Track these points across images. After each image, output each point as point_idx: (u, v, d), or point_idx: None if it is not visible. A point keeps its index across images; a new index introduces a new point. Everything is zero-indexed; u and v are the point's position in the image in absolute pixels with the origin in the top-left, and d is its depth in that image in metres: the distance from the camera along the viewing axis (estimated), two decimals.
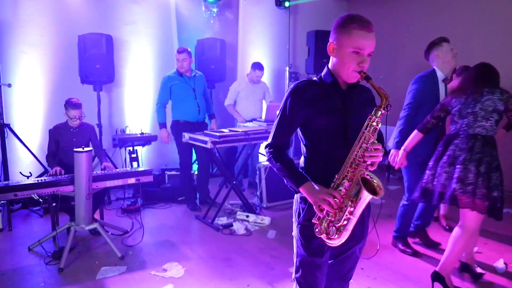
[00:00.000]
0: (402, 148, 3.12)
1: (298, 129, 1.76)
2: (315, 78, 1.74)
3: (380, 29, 6.59)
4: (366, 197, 1.51)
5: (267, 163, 1.83)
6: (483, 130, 2.67)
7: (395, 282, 2.99)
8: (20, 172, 4.57)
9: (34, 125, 4.96)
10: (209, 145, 3.90)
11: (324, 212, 1.58)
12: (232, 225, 4.09)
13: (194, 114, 4.66)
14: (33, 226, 4.17)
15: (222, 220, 4.26)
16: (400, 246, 3.53)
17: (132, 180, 3.72)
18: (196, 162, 5.12)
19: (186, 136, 4.27)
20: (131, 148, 4.93)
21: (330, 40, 1.66)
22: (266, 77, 6.02)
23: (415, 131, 3.03)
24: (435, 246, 3.58)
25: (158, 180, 5.13)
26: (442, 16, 5.69)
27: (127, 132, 5.19)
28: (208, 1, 5.89)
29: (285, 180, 1.71)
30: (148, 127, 5.68)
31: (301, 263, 1.75)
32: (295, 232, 1.77)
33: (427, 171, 2.83)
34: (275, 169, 1.71)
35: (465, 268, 3.06)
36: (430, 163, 2.83)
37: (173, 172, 5.28)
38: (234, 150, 5.50)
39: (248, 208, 4.43)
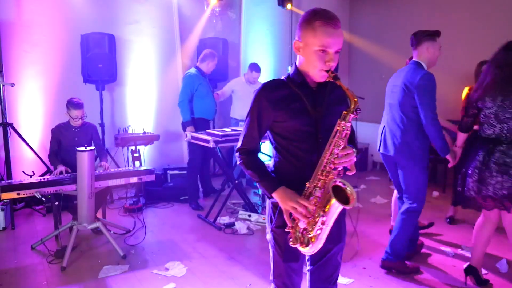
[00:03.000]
0: (457, 146, 2.93)
1: (268, 132, 1.69)
2: (283, 77, 1.66)
3: (383, 27, 6.64)
4: (337, 207, 1.46)
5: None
6: None
7: (397, 282, 2.99)
8: (22, 171, 4.59)
9: (37, 124, 4.97)
10: (211, 144, 3.90)
11: (296, 221, 1.53)
12: (234, 225, 4.09)
13: (212, 112, 4.88)
14: (35, 225, 4.18)
15: (224, 220, 4.26)
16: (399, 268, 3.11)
17: (134, 180, 3.72)
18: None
19: (189, 135, 4.27)
20: (133, 148, 4.93)
21: (296, 37, 1.58)
22: (267, 77, 6.02)
23: (459, 133, 2.88)
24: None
25: (160, 180, 5.14)
26: (446, 15, 5.67)
27: (130, 131, 5.20)
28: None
29: (258, 185, 1.65)
30: (150, 127, 5.69)
31: (277, 268, 1.73)
32: (269, 237, 1.73)
33: (469, 179, 2.68)
34: (247, 174, 1.66)
35: (470, 271, 2.91)
36: (472, 170, 2.66)
37: (175, 172, 5.28)
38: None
39: (250, 207, 4.43)
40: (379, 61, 6.35)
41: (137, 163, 4.89)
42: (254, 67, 5.29)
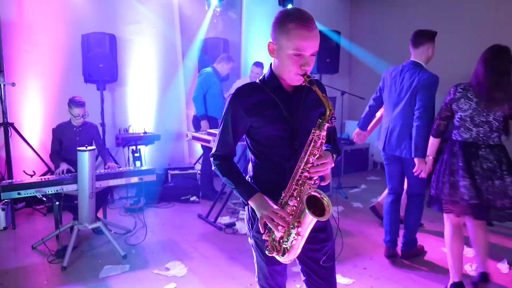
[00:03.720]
0: (428, 155, 2.93)
1: (245, 136, 1.64)
2: (257, 81, 1.59)
3: (384, 28, 6.63)
4: (311, 219, 1.41)
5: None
6: (498, 140, 2.58)
7: (398, 282, 2.99)
8: (23, 171, 4.60)
9: (38, 124, 4.98)
10: (212, 144, 3.90)
11: (270, 231, 1.50)
12: (234, 224, 4.09)
13: (222, 111, 4.94)
14: (36, 224, 4.18)
15: (225, 219, 4.26)
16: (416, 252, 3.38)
17: (135, 179, 3.73)
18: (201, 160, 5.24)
19: (189, 135, 4.27)
20: (134, 147, 4.94)
21: (270, 39, 1.50)
22: None
23: (431, 138, 2.85)
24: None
25: (161, 179, 5.14)
26: (448, 15, 5.67)
27: (130, 131, 5.20)
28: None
29: (234, 192, 1.60)
30: (151, 127, 5.69)
31: (261, 270, 1.71)
32: (251, 241, 1.71)
33: (442, 180, 2.67)
34: (223, 180, 1.62)
35: (484, 278, 2.88)
36: (448, 173, 2.64)
37: (176, 172, 5.28)
38: (238, 149, 5.53)
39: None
40: (379, 60, 6.34)
41: (137, 163, 4.90)
42: (255, 63, 5.29)
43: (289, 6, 6.30)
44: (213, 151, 1.64)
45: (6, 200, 4.06)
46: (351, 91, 6.36)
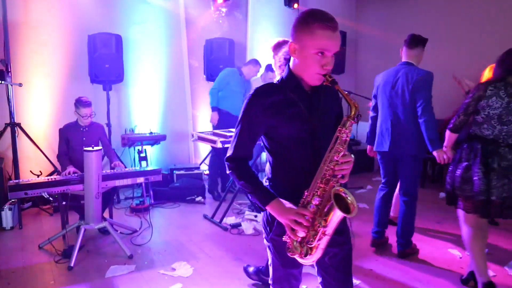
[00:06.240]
0: (445, 145, 2.97)
1: (262, 137, 1.61)
2: (276, 81, 1.60)
3: (389, 27, 6.61)
4: (338, 215, 1.40)
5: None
6: None
7: (404, 283, 2.97)
8: (30, 171, 4.62)
9: (45, 124, 5.00)
10: (219, 145, 3.90)
11: (297, 232, 1.47)
12: (240, 225, 4.08)
13: (239, 109, 5.03)
14: (43, 224, 4.20)
15: (231, 220, 4.26)
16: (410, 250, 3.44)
17: (141, 180, 3.73)
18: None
19: (195, 135, 4.28)
20: (140, 148, 4.95)
21: (291, 39, 1.51)
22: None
23: (448, 133, 2.85)
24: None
25: (167, 180, 5.16)
26: (452, 13, 5.64)
27: (136, 131, 5.22)
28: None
29: (249, 196, 1.57)
30: (157, 127, 5.70)
31: (276, 273, 1.69)
32: (267, 243, 1.68)
33: (458, 177, 2.67)
34: (238, 185, 1.57)
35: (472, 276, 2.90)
36: (464, 169, 2.64)
37: (182, 172, 5.29)
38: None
39: (256, 208, 4.41)
40: (385, 60, 6.30)
41: (143, 163, 4.91)
42: (270, 68, 5.29)
43: (295, 5, 6.30)
44: (229, 153, 1.60)
45: (13, 200, 4.08)
46: (357, 91, 6.33)
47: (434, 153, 3.10)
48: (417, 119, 3.14)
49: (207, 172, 5.38)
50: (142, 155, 4.94)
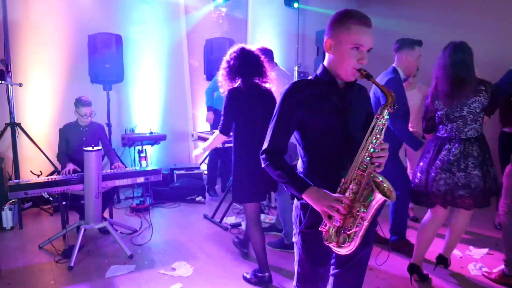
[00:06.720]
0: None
1: (295, 132, 1.66)
2: (310, 77, 1.67)
3: (390, 27, 6.58)
4: (378, 200, 1.42)
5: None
6: (474, 132, 2.63)
7: (404, 283, 2.96)
8: (30, 171, 4.62)
9: (45, 124, 5.00)
10: (218, 145, 3.89)
11: (334, 220, 1.48)
12: (240, 225, 4.08)
13: None
14: (43, 224, 4.20)
15: (231, 220, 4.26)
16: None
17: (141, 179, 3.73)
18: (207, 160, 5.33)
19: (195, 135, 4.28)
20: (140, 148, 4.95)
21: (326, 37, 1.58)
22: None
23: (426, 136, 2.98)
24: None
25: (167, 180, 5.16)
26: (453, 12, 5.63)
27: (136, 131, 5.22)
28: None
29: (285, 187, 1.60)
30: (157, 127, 5.70)
31: (302, 272, 1.68)
32: (296, 239, 1.67)
33: (419, 174, 2.77)
34: (274, 176, 1.61)
35: (414, 270, 2.95)
36: (423, 166, 2.75)
37: (182, 172, 5.30)
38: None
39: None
40: (387, 62, 6.29)
41: (143, 163, 4.91)
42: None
43: (295, 5, 6.30)
44: (265, 146, 1.65)
45: (13, 200, 4.08)
46: None
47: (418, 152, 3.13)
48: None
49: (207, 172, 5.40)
50: (142, 155, 4.94)
